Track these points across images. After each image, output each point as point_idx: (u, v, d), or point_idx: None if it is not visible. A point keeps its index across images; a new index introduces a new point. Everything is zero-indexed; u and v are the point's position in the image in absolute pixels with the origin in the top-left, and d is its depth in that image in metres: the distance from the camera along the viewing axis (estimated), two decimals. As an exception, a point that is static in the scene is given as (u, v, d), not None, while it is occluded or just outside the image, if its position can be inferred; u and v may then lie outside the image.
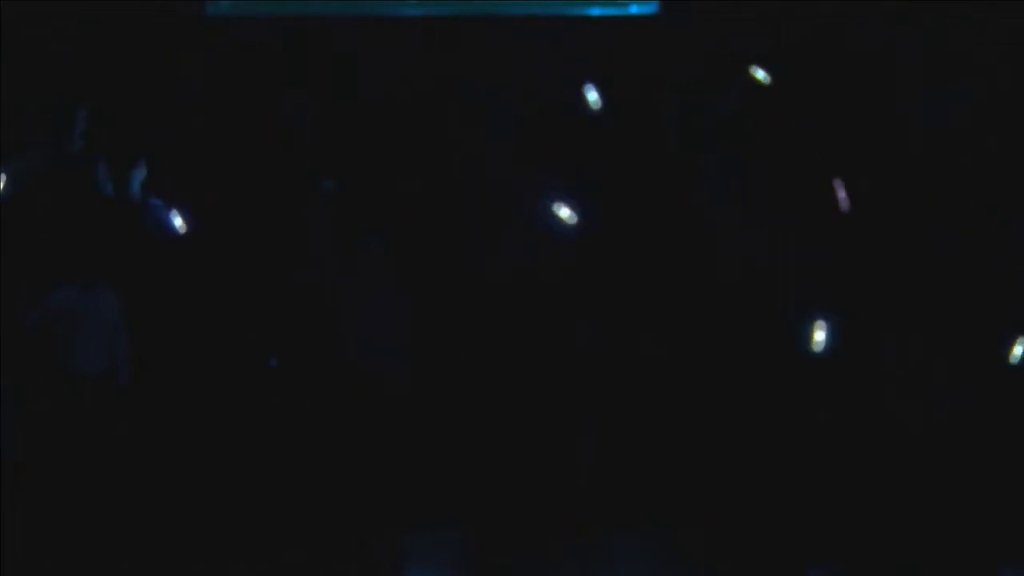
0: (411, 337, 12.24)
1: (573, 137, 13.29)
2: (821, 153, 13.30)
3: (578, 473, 12.17)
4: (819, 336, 12.28)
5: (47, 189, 12.69)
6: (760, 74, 12.78)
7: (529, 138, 13.47)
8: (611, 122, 13.45)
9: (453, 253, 12.98)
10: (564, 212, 12.66)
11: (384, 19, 14.01)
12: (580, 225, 12.80)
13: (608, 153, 13.27)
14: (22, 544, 11.10)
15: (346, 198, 13.00)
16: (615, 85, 13.68)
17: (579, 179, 13.08)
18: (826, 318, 12.38)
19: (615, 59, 13.91)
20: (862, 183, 13.17)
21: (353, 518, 11.66)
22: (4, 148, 12.63)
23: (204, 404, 12.16)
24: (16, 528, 11.21)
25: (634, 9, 13.99)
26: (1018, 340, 12.43)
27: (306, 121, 13.46)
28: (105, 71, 13.47)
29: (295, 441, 11.96)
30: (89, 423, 11.80)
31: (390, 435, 11.99)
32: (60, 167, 12.78)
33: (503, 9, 14.00)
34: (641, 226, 13.06)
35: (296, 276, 12.52)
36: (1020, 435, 12.36)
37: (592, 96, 13.13)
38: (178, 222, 12.47)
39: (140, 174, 12.62)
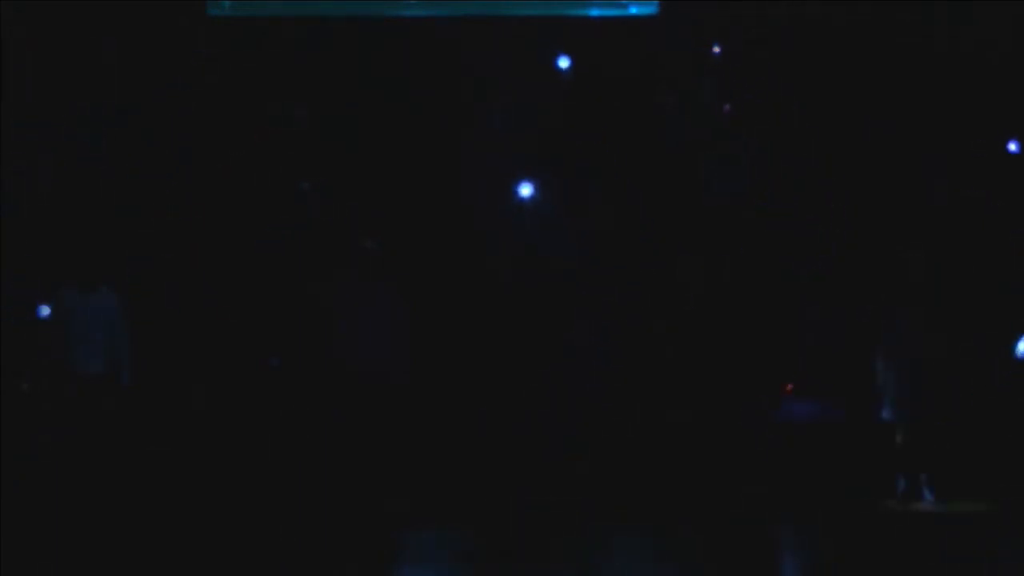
0: (410, 337, 12.25)
1: (572, 137, 13.31)
2: (819, 152, 13.35)
3: (577, 473, 12.19)
4: None
5: (47, 189, 12.73)
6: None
7: (529, 138, 13.49)
8: (611, 122, 13.49)
9: (452, 253, 13.00)
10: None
11: (384, 19, 14.03)
12: (580, 225, 12.84)
13: (608, 152, 13.29)
14: (22, 544, 11.11)
15: (345, 199, 13.02)
16: (615, 85, 13.71)
17: (578, 179, 13.11)
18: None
19: (615, 59, 13.93)
20: (860, 181, 13.22)
21: (353, 518, 11.67)
22: (5, 148, 12.67)
23: (205, 404, 12.18)
24: (16, 528, 11.22)
25: (634, 9, 14.00)
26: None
27: (306, 121, 13.48)
28: (105, 71, 13.50)
29: (295, 441, 11.97)
30: (89, 423, 11.80)
31: (390, 435, 12.00)
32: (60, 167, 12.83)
33: (503, 9, 14.02)
34: (641, 225, 13.08)
35: (296, 276, 12.54)
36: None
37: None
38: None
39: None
